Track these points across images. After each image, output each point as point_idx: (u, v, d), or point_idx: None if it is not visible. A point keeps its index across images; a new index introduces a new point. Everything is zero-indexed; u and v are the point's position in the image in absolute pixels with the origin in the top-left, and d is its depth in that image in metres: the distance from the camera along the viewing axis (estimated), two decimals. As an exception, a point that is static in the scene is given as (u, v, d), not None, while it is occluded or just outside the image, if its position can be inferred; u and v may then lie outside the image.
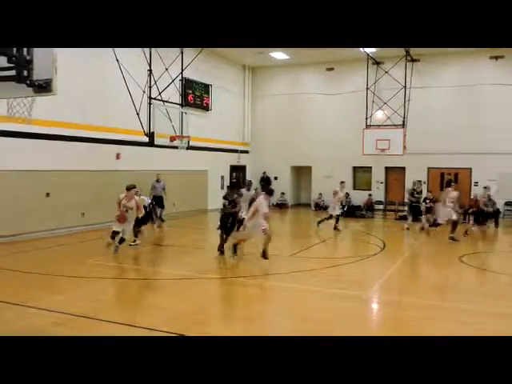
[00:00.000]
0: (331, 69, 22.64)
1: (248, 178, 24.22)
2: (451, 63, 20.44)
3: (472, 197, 19.15)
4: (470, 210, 18.45)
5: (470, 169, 20.34)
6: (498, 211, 18.16)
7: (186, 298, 7.52)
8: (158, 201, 16.27)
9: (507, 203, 19.23)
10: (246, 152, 24.31)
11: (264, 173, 23.90)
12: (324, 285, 8.22)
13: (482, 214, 17.24)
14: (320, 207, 22.23)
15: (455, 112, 20.38)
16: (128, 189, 10.53)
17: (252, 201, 10.68)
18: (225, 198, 10.93)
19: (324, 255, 11.92)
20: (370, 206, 21.05)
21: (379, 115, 21.06)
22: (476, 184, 20.07)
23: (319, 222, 15.84)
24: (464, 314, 6.84)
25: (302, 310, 7.07)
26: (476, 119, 19.99)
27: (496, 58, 19.73)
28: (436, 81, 20.63)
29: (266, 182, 23.77)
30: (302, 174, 24.41)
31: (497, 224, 17.56)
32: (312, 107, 23.05)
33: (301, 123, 23.20)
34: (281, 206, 23.25)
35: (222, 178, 22.57)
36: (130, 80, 14.03)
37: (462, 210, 18.67)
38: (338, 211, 16.03)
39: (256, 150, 24.28)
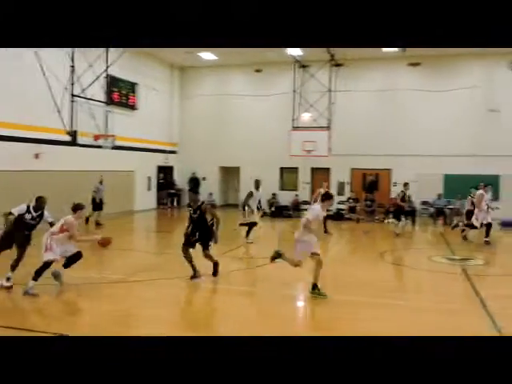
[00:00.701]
0: (259, 70, 22.89)
1: (176, 177, 23.99)
2: (373, 68, 21.35)
3: (393, 196, 20.14)
4: (392, 209, 19.38)
5: (390, 170, 21.36)
6: (414, 210, 19.24)
7: (114, 301, 7.30)
8: (99, 204, 15.69)
9: (424, 202, 20.36)
10: (174, 152, 24.01)
11: (193, 173, 23.72)
12: (252, 284, 8.29)
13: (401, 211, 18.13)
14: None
15: (377, 115, 21.31)
16: (80, 208, 7.83)
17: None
18: (189, 205, 8.76)
19: (251, 255, 12.02)
20: (296, 206, 21.50)
21: (306, 117, 21.56)
22: (395, 184, 21.09)
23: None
24: (386, 308, 7.17)
25: (227, 310, 7.09)
26: (395, 122, 21.02)
27: (414, 65, 20.84)
28: (359, 85, 21.44)
29: (195, 183, 23.60)
30: (230, 174, 24.46)
31: (414, 222, 18.60)
32: (240, 108, 23.18)
33: (229, 124, 23.26)
34: (209, 207, 23.15)
35: (149, 178, 22.17)
36: (50, 76, 13.42)
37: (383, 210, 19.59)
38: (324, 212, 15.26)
39: (184, 151, 24.04)
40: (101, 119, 15.02)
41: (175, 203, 23.57)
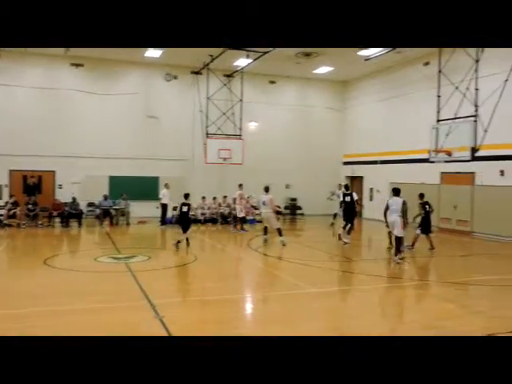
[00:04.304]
0: None
1: None
2: (32, 64, 20.03)
3: (55, 200, 19.48)
4: (55, 213, 18.67)
5: (55, 171, 20.51)
6: (81, 212, 19.12)
7: None
8: None
9: (90, 204, 20.37)
10: None
11: None
12: None
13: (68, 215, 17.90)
14: None
15: (39, 114, 20.11)
16: None
17: None
18: None
19: None
20: None
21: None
22: (60, 186, 20.42)
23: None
24: (46, 315, 6.84)
25: None
26: (60, 122, 20.34)
27: (76, 65, 20.57)
28: (17, 80, 19.78)
29: None
30: None
31: (80, 224, 18.49)
32: None
33: None
34: None
35: None
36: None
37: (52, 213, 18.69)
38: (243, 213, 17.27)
39: None
40: None
41: None
